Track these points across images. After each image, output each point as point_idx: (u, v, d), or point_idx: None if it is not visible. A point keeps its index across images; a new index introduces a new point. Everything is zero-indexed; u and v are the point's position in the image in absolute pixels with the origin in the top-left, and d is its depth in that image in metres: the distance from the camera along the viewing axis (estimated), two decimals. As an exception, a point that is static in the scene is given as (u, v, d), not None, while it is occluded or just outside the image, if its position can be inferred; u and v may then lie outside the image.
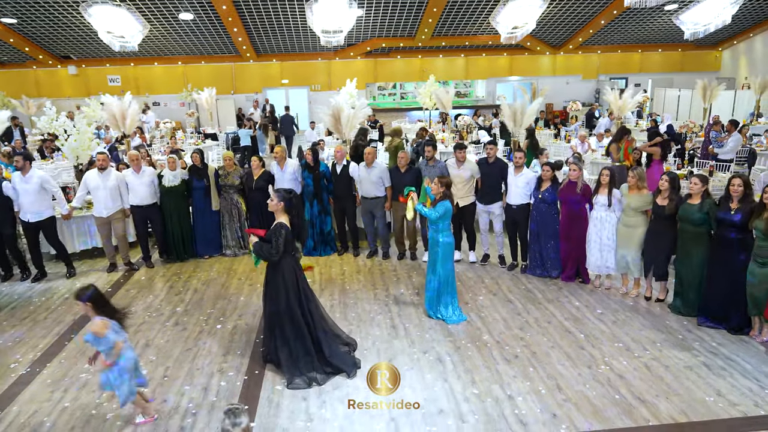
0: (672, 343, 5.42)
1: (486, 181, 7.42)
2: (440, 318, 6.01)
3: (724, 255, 5.48)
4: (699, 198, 5.69)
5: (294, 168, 8.09)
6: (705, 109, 14.99)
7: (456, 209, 7.03)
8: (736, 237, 5.38)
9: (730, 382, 4.74)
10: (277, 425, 4.32)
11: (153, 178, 7.83)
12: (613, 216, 6.45)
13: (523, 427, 4.21)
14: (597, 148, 12.10)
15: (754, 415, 4.30)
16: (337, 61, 22.43)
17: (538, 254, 7.14)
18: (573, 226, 6.74)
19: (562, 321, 5.93)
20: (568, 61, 23.41)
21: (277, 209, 4.88)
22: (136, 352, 5.41)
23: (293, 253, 4.98)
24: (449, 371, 5.00)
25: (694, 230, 5.72)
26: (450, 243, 6.03)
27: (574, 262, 6.92)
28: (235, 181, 8.08)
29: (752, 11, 18.95)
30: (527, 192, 7.12)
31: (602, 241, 6.52)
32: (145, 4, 16.20)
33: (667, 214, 5.91)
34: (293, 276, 4.94)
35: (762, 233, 5.11)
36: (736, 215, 5.34)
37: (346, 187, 8.03)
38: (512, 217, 7.30)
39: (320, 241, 8.24)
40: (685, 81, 21.17)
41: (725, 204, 5.47)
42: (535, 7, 14.62)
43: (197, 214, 8.15)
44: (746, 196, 5.36)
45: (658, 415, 4.32)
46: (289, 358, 4.93)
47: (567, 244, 6.88)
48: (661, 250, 6.11)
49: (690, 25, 15.06)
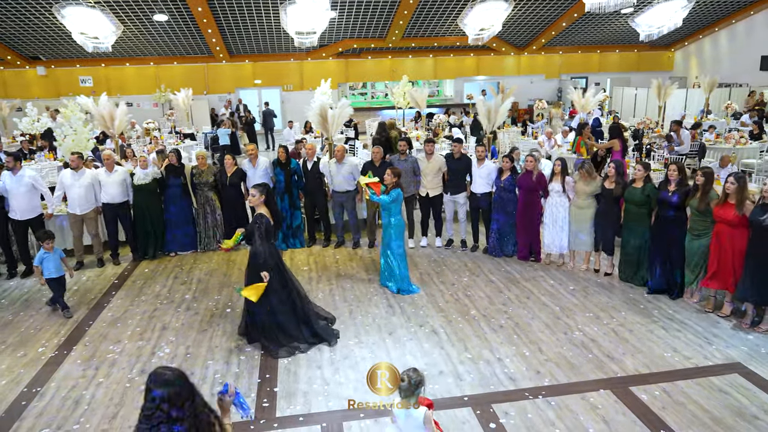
0: (635, 311, 6.20)
1: (452, 174, 8.19)
2: (396, 291, 6.81)
3: (664, 230, 6.38)
4: (642, 182, 6.59)
5: (266, 165, 8.57)
6: (660, 107, 16.09)
7: (426, 199, 8.18)
8: (674, 215, 6.27)
9: (684, 341, 5.53)
10: (298, 389, 4.89)
11: (125, 177, 8.13)
12: (565, 201, 7.31)
13: (512, 383, 4.90)
14: (562, 143, 12.94)
15: (703, 365, 5.10)
16: (309, 62, 22.87)
17: (497, 236, 7.96)
18: (529, 211, 7.59)
19: (539, 296, 6.65)
20: (532, 61, 24.43)
21: (258, 203, 5.45)
22: (155, 335, 5.94)
23: (272, 240, 5.58)
24: (444, 341, 5.66)
25: (637, 210, 6.60)
26: (401, 224, 6.81)
27: (529, 243, 7.76)
28: (210, 178, 8.44)
29: (701, 15, 20.26)
30: (489, 181, 7.94)
31: (556, 223, 7.37)
32: (120, 6, 16.36)
33: (614, 196, 6.79)
34: (276, 260, 5.53)
35: (696, 210, 6.04)
36: (674, 196, 6.23)
37: (316, 183, 8.57)
38: (476, 204, 8.11)
39: (290, 234, 8.71)
40: (641, 80, 22.42)
41: (664, 187, 6.37)
42: (500, 10, 15.48)
43: (173, 212, 8.38)
44: (681, 180, 6.26)
45: (625, 368, 5.07)
46: (274, 333, 5.50)
47: (523, 226, 7.72)
48: (609, 228, 7.03)
49: (645, 27, 16.16)
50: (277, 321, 5.52)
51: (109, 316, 6.50)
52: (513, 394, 4.74)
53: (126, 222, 8.25)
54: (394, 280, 6.90)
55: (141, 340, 5.87)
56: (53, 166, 11.97)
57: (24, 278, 7.80)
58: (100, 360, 5.49)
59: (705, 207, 5.94)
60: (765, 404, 4.51)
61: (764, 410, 4.43)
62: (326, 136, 10.19)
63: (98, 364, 5.42)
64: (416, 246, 8.57)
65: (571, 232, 7.32)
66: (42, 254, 6.38)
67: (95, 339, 5.93)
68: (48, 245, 6.37)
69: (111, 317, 6.45)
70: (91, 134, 9.56)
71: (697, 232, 6.10)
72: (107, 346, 5.75)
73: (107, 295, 7.11)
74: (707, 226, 6.00)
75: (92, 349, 5.70)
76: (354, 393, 4.79)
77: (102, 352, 5.65)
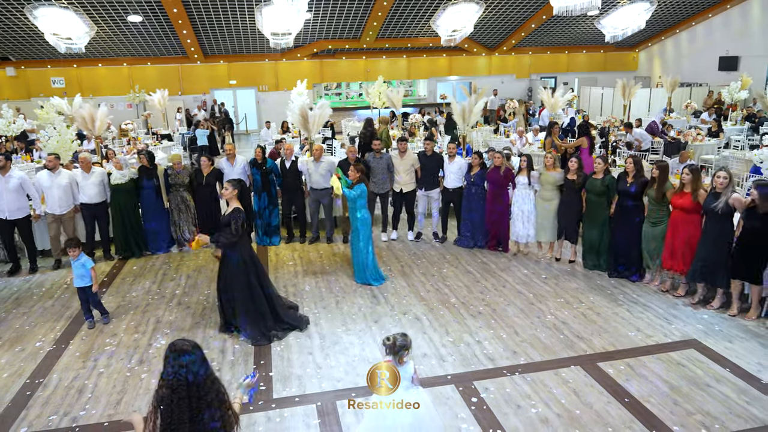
0: (602, 296, 6.68)
1: (425, 170, 8.62)
2: (366, 282, 7.19)
3: (623, 218, 6.94)
4: (602, 174, 7.14)
5: (243, 163, 8.83)
6: (625, 106, 16.78)
7: (400, 195, 8.65)
8: (632, 204, 6.83)
9: (646, 321, 6.02)
10: (292, 374, 5.21)
11: (103, 177, 8.24)
12: (531, 194, 7.82)
13: (491, 362, 5.30)
14: (533, 141, 13.46)
15: (663, 342, 5.59)
16: (284, 62, 23.06)
17: (468, 229, 8.43)
18: (497, 204, 8.08)
19: (514, 285, 7.09)
20: (503, 61, 25.06)
21: (232, 197, 5.74)
22: (150, 328, 6.18)
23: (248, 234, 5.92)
24: (426, 326, 6.04)
25: (597, 200, 7.16)
26: (366, 218, 7.15)
27: (497, 234, 8.24)
28: (185, 179, 8.60)
29: (663, 17, 21.11)
30: (460, 177, 8.41)
31: (524, 214, 7.88)
32: (94, 7, 16.36)
33: (576, 188, 7.34)
34: (249, 256, 5.86)
35: (653, 200, 6.60)
36: (632, 187, 6.79)
37: (294, 181, 8.87)
38: (448, 198, 8.57)
39: (268, 231, 8.97)
40: (607, 80, 23.19)
41: (623, 179, 6.89)
42: (471, 12, 15.98)
43: (147, 212, 8.53)
44: (638, 173, 6.80)
45: (593, 347, 5.52)
46: (252, 322, 5.81)
47: (492, 218, 8.21)
48: (572, 218, 7.56)
49: (610, 29, 16.85)
50: (258, 310, 5.83)
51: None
52: (492, 372, 5.14)
53: (103, 222, 8.37)
54: (368, 273, 7.24)
55: (136, 333, 6.10)
56: (31, 167, 11.97)
57: (11, 276, 7.91)
58: (99, 352, 5.72)
59: (661, 196, 6.53)
60: (717, 374, 5.00)
61: (716, 379, 4.92)
62: (306, 136, 10.50)
63: (97, 355, 5.65)
64: (387, 239, 8.95)
65: (537, 223, 7.82)
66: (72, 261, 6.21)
67: (91, 333, 6.14)
68: (72, 252, 6.15)
69: (104, 312, 6.66)
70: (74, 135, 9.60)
71: (653, 220, 6.67)
72: (104, 340, 5.98)
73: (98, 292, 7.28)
74: (663, 214, 6.59)
75: (89, 343, 5.92)
76: (345, 376, 5.13)
77: (99, 345, 5.88)
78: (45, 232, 8.40)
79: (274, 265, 8.07)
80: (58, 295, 7.19)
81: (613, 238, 7.14)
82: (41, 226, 8.41)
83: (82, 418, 4.65)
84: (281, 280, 7.50)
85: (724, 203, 5.88)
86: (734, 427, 4.30)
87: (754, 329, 5.79)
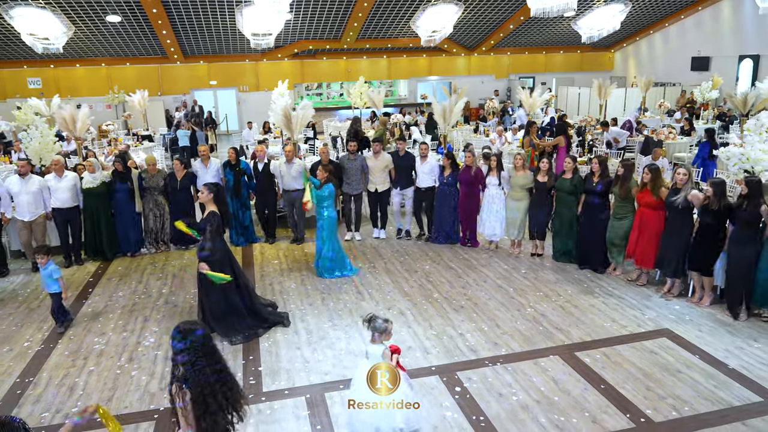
0: (579, 289, 6.93)
1: (399, 170, 8.82)
2: (336, 276, 7.44)
3: (590, 215, 7.30)
4: (571, 173, 7.48)
5: (217, 165, 8.90)
6: (601, 105, 17.18)
7: (375, 194, 8.87)
8: (598, 201, 7.21)
9: (621, 313, 6.28)
10: (281, 368, 5.35)
11: (75, 181, 8.13)
12: (501, 193, 8.08)
13: (474, 353, 5.50)
14: (512, 140, 13.73)
15: (637, 332, 5.85)
16: (264, 63, 23.07)
17: (440, 226, 8.68)
18: (468, 203, 8.33)
19: (495, 280, 7.30)
20: (482, 61, 25.38)
21: (208, 200, 5.84)
22: (138, 326, 6.26)
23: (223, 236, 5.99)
24: (411, 320, 6.22)
25: (567, 197, 7.50)
26: (333, 217, 7.40)
27: (467, 230, 8.53)
28: (160, 182, 8.61)
29: (637, 18, 21.59)
30: (432, 177, 8.63)
31: (494, 212, 8.14)
32: (71, 6, 16.24)
33: (547, 188, 7.66)
34: (226, 255, 5.96)
35: (619, 197, 6.97)
36: (598, 185, 7.18)
37: (267, 183, 8.95)
38: (420, 198, 8.79)
39: (241, 232, 9.04)
40: (584, 79, 23.63)
41: (590, 178, 7.27)
42: (451, 13, 16.23)
43: (120, 216, 8.46)
44: (603, 172, 7.18)
45: (571, 337, 5.75)
46: (228, 322, 5.92)
47: (463, 216, 8.47)
48: (542, 216, 7.88)
49: (586, 29, 17.24)
50: (233, 310, 5.93)
51: (90, 311, 6.76)
52: (474, 362, 5.33)
53: (75, 227, 8.25)
54: (331, 269, 7.46)
55: (125, 332, 6.18)
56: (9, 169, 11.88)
57: None
58: (88, 351, 5.79)
59: (626, 193, 6.88)
60: (687, 361, 5.26)
61: (686, 366, 5.18)
62: (288, 136, 10.62)
63: (86, 354, 5.72)
64: (362, 238, 9.09)
65: (507, 221, 8.08)
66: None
67: (79, 333, 6.19)
68: (40, 260, 6.08)
69: (92, 312, 6.72)
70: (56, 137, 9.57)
71: (619, 216, 7.04)
72: (92, 338, 6.04)
73: (84, 292, 7.34)
74: (628, 210, 6.96)
75: (78, 342, 5.98)
76: (333, 369, 5.28)
77: (88, 343, 5.94)
78: (12, 235, 8.38)
79: (260, 264, 8.17)
80: (44, 296, 7.19)
81: (581, 234, 7.49)
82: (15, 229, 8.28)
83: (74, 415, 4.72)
84: (267, 278, 7.62)
85: (683, 198, 6.24)
86: (703, 410, 4.55)
87: (722, 318, 6.08)
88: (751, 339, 5.63)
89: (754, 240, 5.81)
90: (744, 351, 5.41)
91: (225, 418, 3.09)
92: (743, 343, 5.55)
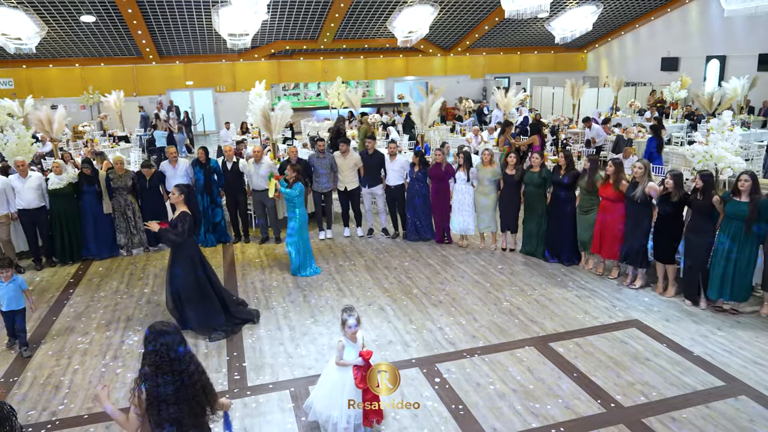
0: (553, 283, 7.17)
1: (368, 169, 8.98)
2: (304, 275, 7.60)
3: (557, 207, 7.62)
4: (538, 168, 7.77)
5: (185, 166, 8.94)
6: (574, 105, 17.55)
7: (345, 193, 9.02)
8: (565, 194, 7.52)
9: (593, 305, 6.53)
10: (265, 363, 5.47)
11: (40, 182, 8.08)
12: (471, 188, 8.28)
13: (452, 346, 5.68)
14: (488, 140, 13.98)
15: (608, 323, 6.11)
16: (241, 63, 23.02)
17: (414, 223, 8.87)
18: (440, 199, 8.55)
19: (472, 275, 7.51)
20: (458, 62, 25.68)
21: (179, 201, 5.94)
22: (121, 325, 6.31)
23: (194, 236, 6.11)
24: (391, 316, 6.38)
25: (535, 191, 7.78)
26: (304, 214, 7.56)
27: (442, 227, 8.73)
28: (128, 182, 8.55)
29: (609, 20, 22.09)
30: (402, 174, 8.79)
31: (464, 208, 8.35)
32: (45, 7, 16.04)
33: (515, 180, 7.94)
34: (197, 254, 6.07)
35: (584, 190, 7.30)
36: (564, 178, 7.47)
37: (236, 182, 9.03)
38: (391, 196, 8.95)
39: (211, 231, 9.09)
40: (558, 79, 24.09)
41: (557, 171, 7.59)
42: (427, 14, 16.47)
43: (89, 218, 8.40)
44: (569, 165, 7.50)
45: (546, 329, 5.98)
46: (204, 319, 6.03)
47: (436, 213, 8.69)
48: (512, 210, 8.14)
49: (559, 30, 17.64)
50: (203, 308, 6.02)
51: (72, 311, 6.78)
52: (453, 355, 5.52)
53: (44, 228, 8.21)
54: (302, 267, 7.63)
55: (108, 331, 6.23)
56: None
57: None
58: (72, 350, 5.83)
59: (591, 187, 7.21)
60: (655, 349, 5.52)
61: (654, 354, 5.44)
62: (267, 136, 10.70)
63: (70, 353, 5.76)
64: (334, 237, 9.25)
65: (478, 215, 8.31)
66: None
67: (62, 333, 6.22)
68: (4, 274, 5.51)
69: (74, 312, 6.74)
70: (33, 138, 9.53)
71: (585, 209, 7.37)
72: (76, 338, 6.08)
73: (65, 293, 7.35)
74: (593, 203, 7.25)
75: (61, 342, 6.01)
76: (315, 363, 5.42)
77: (72, 343, 5.98)
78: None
79: (241, 263, 8.26)
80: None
81: (549, 226, 7.79)
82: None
83: (62, 412, 4.79)
84: (249, 276, 7.72)
85: (641, 191, 6.55)
86: (669, 394, 4.80)
87: (688, 309, 6.37)
88: (715, 328, 5.92)
89: (708, 229, 6.16)
90: (708, 339, 5.69)
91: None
92: (708, 332, 5.84)
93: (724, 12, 12.17)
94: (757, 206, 5.77)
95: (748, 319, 6.10)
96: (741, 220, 5.85)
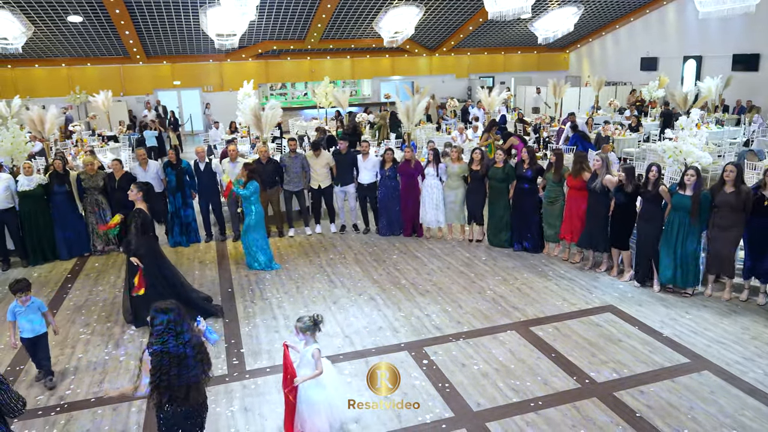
0: (534, 273, 7.55)
1: (340, 167, 9.27)
2: (259, 268, 7.89)
3: (522, 199, 8.10)
4: (502, 163, 8.19)
5: (156, 167, 9.14)
6: (556, 104, 18.01)
7: (318, 190, 9.27)
8: (528, 187, 8.02)
9: (571, 292, 6.91)
10: (261, 349, 5.77)
11: (9, 183, 8.08)
12: (439, 183, 8.65)
13: (439, 331, 6.03)
14: (473, 138, 14.36)
15: (585, 308, 6.50)
16: (228, 63, 23.19)
17: (385, 218, 9.22)
18: (410, 194, 8.90)
19: (457, 267, 7.86)
20: (443, 61, 26.08)
21: (137, 198, 6.18)
22: (121, 317, 6.57)
23: (152, 233, 6.31)
24: (380, 304, 6.71)
25: (499, 185, 8.24)
26: (260, 212, 7.84)
27: (412, 221, 9.09)
28: (99, 183, 8.61)
29: (590, 20, 22.62)
30: (374, 172, 9.13)
31: (433, 202, 8.74)
32: (31, 6, 16.12)
33: (480, 175, 8.37)
34: (153, 250, 6.26)
35: (552, 181, 7.81)
36: (528, 172, 7.98)
37: (210, 182, 9.19)
38: (363, 193, 9.29)
39: (183, 231, 9.22)
40: (541, 79, 24.57)
41: (521, 165, 8.05)
42: (412, 15, 16.83)
43: (59, 218, 8.45)
44: (532, 160, 7.99)
45: (527, 315, 6.35)
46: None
47: (406, 208, 9.04)
48: (478, 203, 8.56)
49: (542, 31, 18.09)
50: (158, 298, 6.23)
51: (72, 304, 7.02)
52: (439, 339, 5.86)
53: (13, 228, 8.24)
54: (257, 262, 7.94)
55: (108, 322, 6.48)
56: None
57: None
58: (74, 340, 6.08)
59: (558, 178, 7.71)
60: (627, 331, 5.91)
61: (626, 335, 5.83)
62: (257, 135, 10.97)
63: (73, 343, 6.02)
64: (313, 233, 9.52)
65: (447, 208, 8.71)
66: (14, 307, 5.05)
67: (64, 324, 6.46)
68: (22, 298, 5.00)
69: (74, 305, 6.98)
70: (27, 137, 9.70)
71: (551, 199, 7.88)
72: (77, 329, 6.33)
73: (63, 287, 7.57)
74: (558, 193, 7.77)
75: (64, 333, 6.25)
76: (310, 348, 5.71)
77: (74, 334, 6.23)
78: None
79: (234, 258, 8.53)
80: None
81: (513, 217, 8.25)
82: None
83: (69, 396, 5.05)
84: (242, 270, 7.99)
85: (599, 182, 7.05)
86: (639, 371, 5.18)
87: (659, 294, 6.77)
88: (683, 311, 6.33)
89: (657, 217, 6.66)
90: (677, 321, 6.10)
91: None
92: (677, 315, 6.24)
93: (698, 14, 12.68)
94: (698, 200, 6.29)
95: (714, 303, 6.52)
96: (686, 211, 6.34)
